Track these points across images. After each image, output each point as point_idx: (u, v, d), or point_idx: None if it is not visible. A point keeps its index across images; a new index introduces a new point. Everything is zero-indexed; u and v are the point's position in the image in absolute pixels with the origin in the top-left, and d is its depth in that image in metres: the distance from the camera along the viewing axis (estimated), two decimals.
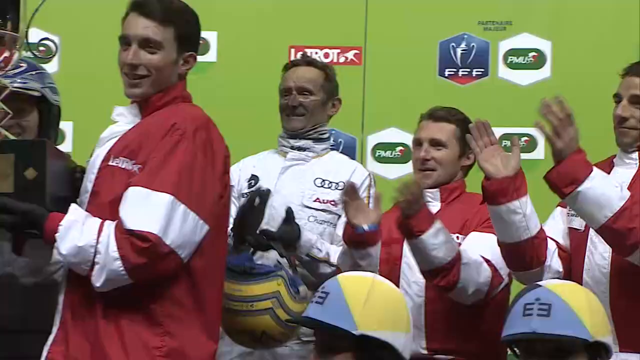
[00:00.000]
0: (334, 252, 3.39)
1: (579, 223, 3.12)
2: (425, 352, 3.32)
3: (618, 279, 3.00)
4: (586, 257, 3.08)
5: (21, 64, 2.91)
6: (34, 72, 3.00)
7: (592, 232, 3.04)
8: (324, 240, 3.44)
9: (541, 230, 3.07)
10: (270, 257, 3.25)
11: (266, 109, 3.87)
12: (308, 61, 3.67)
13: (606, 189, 2.92)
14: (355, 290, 2.44)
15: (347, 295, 2.43)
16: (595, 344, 2.37)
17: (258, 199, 3.18)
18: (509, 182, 2.97)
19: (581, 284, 2.88)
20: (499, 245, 3.10)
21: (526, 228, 3.01)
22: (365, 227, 3.16)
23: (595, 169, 2.93)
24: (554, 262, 3.11)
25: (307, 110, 3.55)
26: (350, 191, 3.23)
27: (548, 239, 3.10)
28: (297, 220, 3.39)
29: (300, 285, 3.06)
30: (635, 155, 3.11)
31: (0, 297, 2.89)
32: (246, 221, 3.15)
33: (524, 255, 3.04)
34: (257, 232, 3.21)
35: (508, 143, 3.11)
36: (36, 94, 2.96)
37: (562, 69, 4.53)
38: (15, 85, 2.86)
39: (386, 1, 4.61)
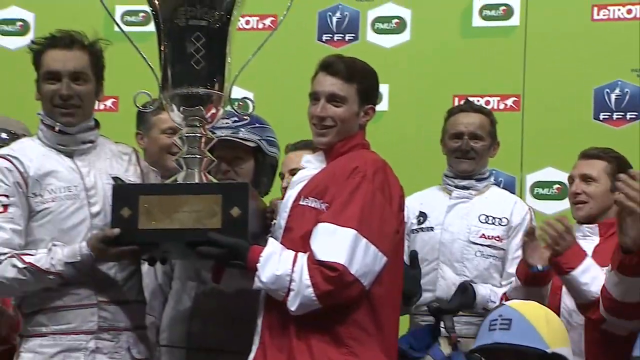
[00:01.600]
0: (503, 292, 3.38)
1: None
2: None
3: None
4: None
5: (245, 117, 3.02)
6: (255, 125, 3.08)
7: None
8: (495, 289, 3.42)
9: None
10: None
11: (431, 150, 3.91)
12: (476, 108, 3.69)
13: None
14: (534, 313, 2.48)
15: (530, 319, 2.46)
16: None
17: (408, 260, 3.21)
18: None
19: None
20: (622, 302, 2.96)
21: None
22: (540, 267, 3.14)
23: None
24: None
25: (477, 154, 3.57)
26: (529, 233, 3.22)
27: None
28: (464, 256, 3.41)
29: None
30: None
31: (208, 320, 3.02)
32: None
33: None
34: (434, 305, 3.25)
35: None
36: (252, 144, 3.06)
37: None
38: (238, 136, 3.01)
39: (543, 51, 4.59)
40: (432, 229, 3.57)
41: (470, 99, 4.34)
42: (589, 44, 4.59)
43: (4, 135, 3.60)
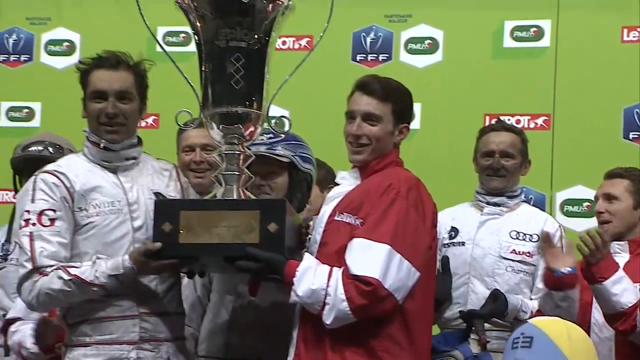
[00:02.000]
0: (536, 308, 3.37)
1: None
2: None
3: None
4: None
5: (281, 134, 3.04)
6: (290, 142, 3.09)
7: None
8: (526, 300, 3.41)
9: None
10: None
11: (462, 167, 3.90)
12: (507, 127, 3.68)
13: None
14: (556, 329, 2.44)
15: (552, 336, 2.43)
16: None
17: (440, 266, 3.21)
18: None
19: None
20: None
21: None
22: (564, 270, 3.14)
23: None
24: None
25: (508, 172, 3.56)
26: (546, 239, 3.23)
27: None
28: (495, 270, 3.40)
29: None
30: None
31: (245, 331, 3.03)
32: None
33: None
34: (465, 311, 3.25)
35: None
36: (286, 160, 3.07)
37: None
38: (272, 152, 3.02)
39: (573, 71, 4.58)
40: (463, 244, 3.57)
41: (501, 117, 4.34)
42: (618, 64, 4.57)
43: (51, 150, 3.67)
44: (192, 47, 3.00)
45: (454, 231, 3.61)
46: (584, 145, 4.52)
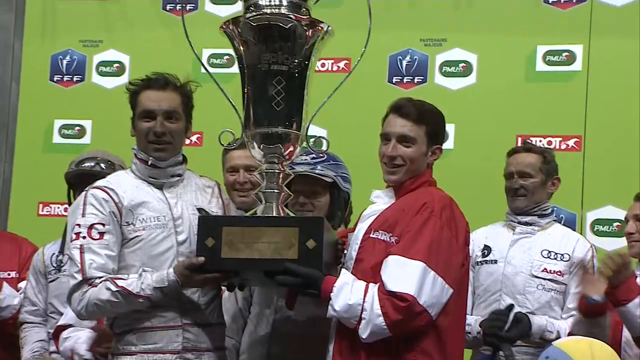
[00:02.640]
0: (564, 328, 3.34)
1: None
2: None
3: None
4: None
5: (322, 155, 3.06)
6: (331, 163, 3.12)
7: None
8: (552, 320, 3.38)
9: None
10: None
11: (494, 187, 3.86)
12: (527, 148, 3.67)
13: None
14: (580, 351, 2.41)
15: (575, 358, 2.40)
16: None
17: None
18: None
19: None
20: None
21: None
22: (597, 297, 3.11)
23: None
24: None
25: (528, 191, 3.54)
26: (584, 267, 3.20)
27: None
28: (526, 288, 3.37)
29: None
30: None
31: (283, 343, 3.05)
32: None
33: None
34: (489, 337, 3.23)
35: None
36: (329, 180, 3.08)
37: None
38: (314, 171, 3.05)
39: (604, 95, 4.54)
40: (495, 261, 3.55)
41: (533, 139, 4.36)
42: None
43: (103, 166, 3.71)
44: (235, 68, 3.03)
45: (487, 249, 3.59)
46: (615, 166, 4.47)
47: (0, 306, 3.86)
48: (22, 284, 3.95)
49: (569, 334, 3.18)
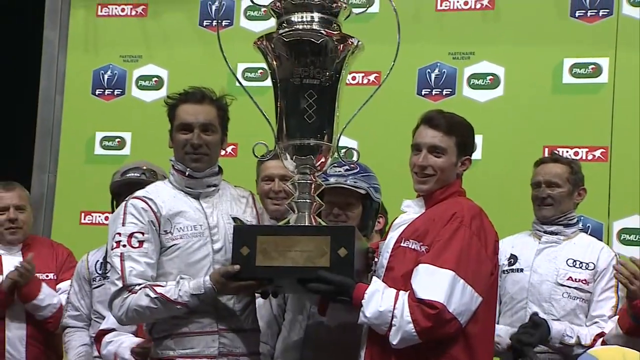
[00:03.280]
0: (584, 334, 3.30)
1: None
2: None
3: None
4: None
5: (354, 167, 3.06)
6: (363, 174, 3.10)
7: None
8: (572, 325, 3.35)
9: None
10: None
11: (521, 197, 3.82)
12: (554, 158, 3.64)
13: None
14: (612, 358, 2.37)
15: None
16: None
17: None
18: None
19: None
20: None
21: None
22: None
23: None
24: None
25: (554, 200, 3.51)
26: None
27: None
28: (552, 296, 3.33)
29: None
30: None
31: (316, 348, 3.03)
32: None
33: None
34: (511, 343, 3.21)
35: None
36: (362, 191, 3.06)
37: None
38: (348, 183, 3.04)
39: (630, 106, 4.47)
40: (521, 270, 3.52)
41: (560, 150, 4.32)
42: None
43: (147, 175, 3.74)
44: (268, 82, 3.04)
45: (513, 258, 3.56)
46: None
47: (40, 305, 3.93)
48: (60, 285, 4.03)
49: (603, 343, 3.12)
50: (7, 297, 3.92)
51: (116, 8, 5.22)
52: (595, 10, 4.55)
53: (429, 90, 4.77)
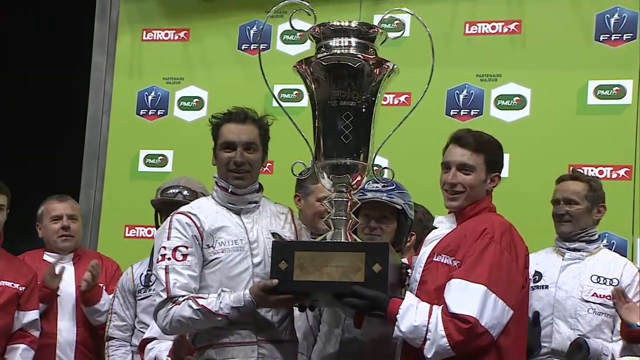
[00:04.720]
0: (618, 350, 3.25)
1: None
2: None
3: None
4: None
5: (390, 185, 3.06)
6: (399, 191, 3.11)
7: None
8: (606, 343, 3.29)
9: None
10: None
11: (547, 214, 3.74)
12: (574, 176, 3.60)
13: None
14: None
15: None
16: None
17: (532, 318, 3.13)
18: None
19: None
20: None
21: None
22: (638, 324, 3.01)
23: None
24: None
25: (572, 217, 3.47)
26: (618, 295, 3.10)
27: None
28: (578, 312, 3.28)
29: None
30: None
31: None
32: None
33: None
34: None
35: None
36: (399, 207, 3.07)
37: None
38: (385, 198, 3.04)
39: None
40: (547, 287, 3.47)
41: (585, 168, 4.26)
42: None
43: (186, 193, 3.76)
44: (303, 102, 3.06)
45: (538, 275, 3.51)
46: None
47: (100, 310, 3.95)
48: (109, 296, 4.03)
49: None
50: (53, 292, 3.94)
51: (160, 33, 5.26)
52: (619, 35, 4.49)
53: (458, 110, 4.74)
